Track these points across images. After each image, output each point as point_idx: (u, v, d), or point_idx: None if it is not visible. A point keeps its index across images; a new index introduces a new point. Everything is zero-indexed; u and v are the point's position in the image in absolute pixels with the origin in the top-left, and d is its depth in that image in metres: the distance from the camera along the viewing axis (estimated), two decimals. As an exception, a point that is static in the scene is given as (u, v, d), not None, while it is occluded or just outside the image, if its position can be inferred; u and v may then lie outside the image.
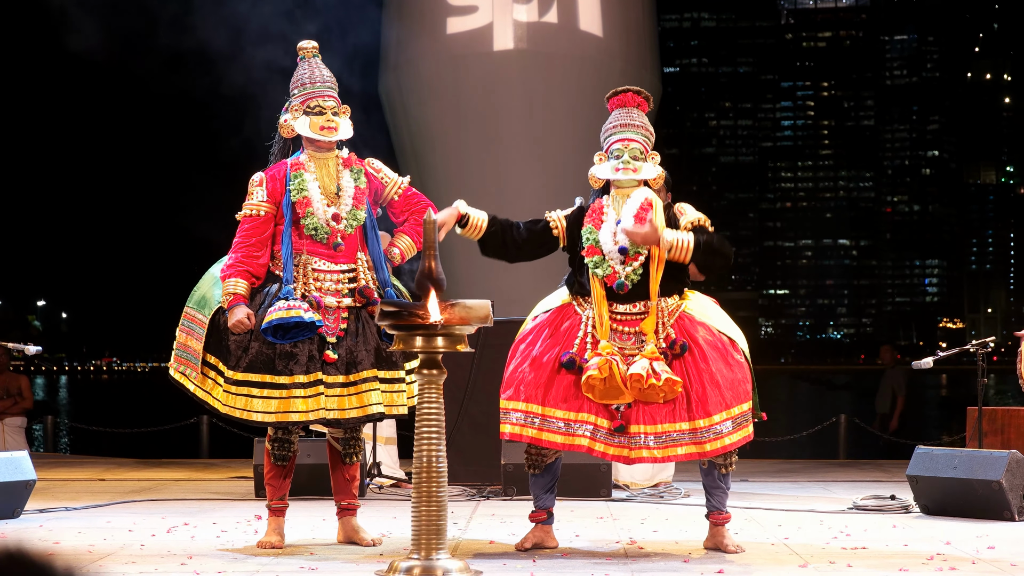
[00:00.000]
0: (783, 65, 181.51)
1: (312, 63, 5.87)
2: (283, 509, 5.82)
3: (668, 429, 5.37)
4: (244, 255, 5.70)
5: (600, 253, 5.57)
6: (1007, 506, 6.62)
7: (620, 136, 5.68)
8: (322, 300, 5.62)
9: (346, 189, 5.75)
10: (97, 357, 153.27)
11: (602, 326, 5.50)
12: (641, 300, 5.54)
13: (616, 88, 5.87)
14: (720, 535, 5.61)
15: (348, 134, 5.81)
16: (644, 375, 5.30)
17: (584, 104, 11.55)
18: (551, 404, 5.46)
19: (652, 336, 5.46)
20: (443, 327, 4.73)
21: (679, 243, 5.45)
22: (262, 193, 5.76)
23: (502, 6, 11.47)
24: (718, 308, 5.71)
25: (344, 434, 5.84)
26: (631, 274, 5.53)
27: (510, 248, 5.78)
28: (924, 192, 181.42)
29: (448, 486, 4.88)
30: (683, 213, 5.65)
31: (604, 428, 5.41)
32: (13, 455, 6.87)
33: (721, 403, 5.38)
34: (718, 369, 5.43)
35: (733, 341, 5.55)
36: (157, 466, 10.35)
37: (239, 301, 5.60)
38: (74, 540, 5.89)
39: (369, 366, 5.61)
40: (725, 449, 5.40)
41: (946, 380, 74.33)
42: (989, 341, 7.52)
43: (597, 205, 5.71)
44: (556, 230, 5.74)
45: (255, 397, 5.57)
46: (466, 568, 4.80)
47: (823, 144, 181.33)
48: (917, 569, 5.10)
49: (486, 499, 7.66)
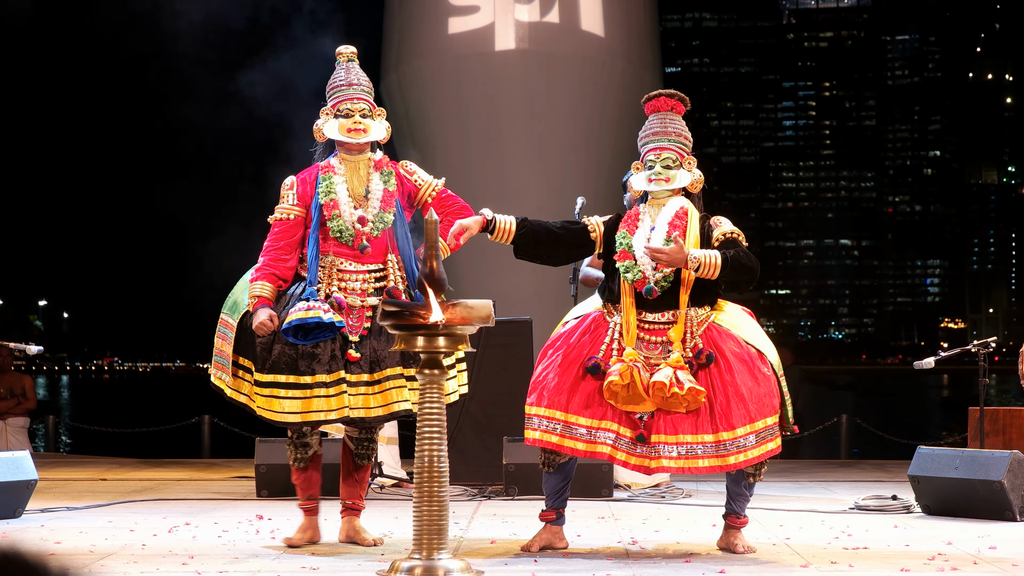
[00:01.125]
0: (785, 65, 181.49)
1: (347, 67, 5.90)
2: (313, 508, 5.83)
3: (691, 441, 5.33)
4: (272, 258, 5.74)
5: (632, 258, 5.53)
6: (1008, 506, 6.62)
7: (653, 145, 5.64)
8: (343, 300, 5.62)
9: (375, 192, 5.75)
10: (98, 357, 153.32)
11: (628, 333, 5.47)
12: (670, 310, 5.50)
13: (650, 93, 5.80)
14: (734, 536, 5.61)
15: (379, 136, 5.81)
16: (667, 383, 5.26)
17: (585, 104, 11.56)
18: (574, 411, 5.43)
19: (679, 344, 5.42)
20: (444, 327, 4.72)
21: (707, 261, 5.37)
22: (292, 197, 5.81)
23: (503, 6, 11.47)
24: (750, 319, 5.65)
25: (359, 435, 5.83)
26: (661, 280, 5.48)
27: (543, 249, 5.72)
28: (925, 192, 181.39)
29: (450, 486, 4.88)
30: (718, 226, 5.58)
31: (627, 437, 5.38)
32: (14, 455, 6.87)
33: (745, 416, 5.34)
34: (743, 382, 5.38)
35: (761, 354, 5.50)
36: (158, 466, 10.35)
37: (263, 304, 5.62)
38: (75, 540, 5.89)
39: (394, 364, 5.59)
40: (748, 463, 5.36)
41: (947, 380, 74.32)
42: (990, 341, 7.52)
43: (633, 211, 5.69)
44: (594, 234, 5.69)
45: (280, 398, 5.59)
46: (467, 568, 4.80)
47: (824, 144, 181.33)
48: (919, 569, 5.10)
49: (487, 499, 7.66)
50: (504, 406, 8.30)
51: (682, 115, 5.76)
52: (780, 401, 5.48)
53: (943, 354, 7.72)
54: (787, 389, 5.57)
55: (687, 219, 5.57)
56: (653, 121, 5.71)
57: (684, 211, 5.59)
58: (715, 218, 5.62)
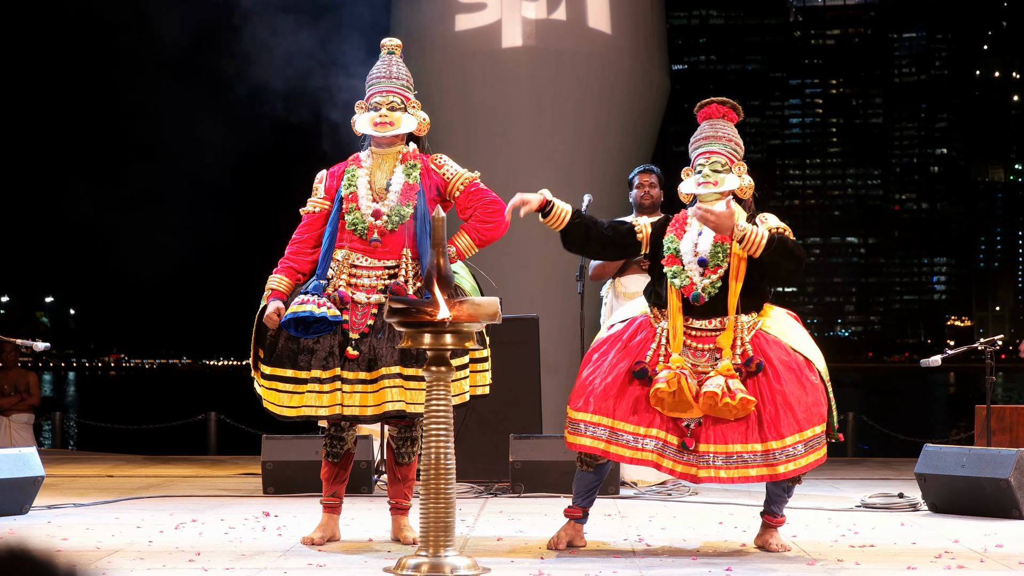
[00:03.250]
0: (791, 63, 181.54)
1: (386, 60, 5.91)
2: (334, 506, 5.80)
3: (740, 450, 5.30)
4: (293, 252, 5.79)
5: (679, 263, 5.50)
6: (1015, 504, 6.61)
7: (703, 149, 5.60)
8: (347, 295, 5.61)
9: (394, 185, 5.73)
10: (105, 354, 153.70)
11: (675, 339, 5.44)
12: (718, 316, 5.46)
13: (702, 101, 5.78)
14: (770, 535, 5.58)
15: (408, 129, 5.79)
16: (719, 392, 5.23)
17: (592, 101, 11.54)
18: (620, 417, 5.39)
19: (729, 352, 5.39)
20: (451, 324, 4.72)
21: (752, 234, 5.33)
22: (321, 190, 5.84)
23: (511, 3, 11.46)
24: (797, 325, 5.62)
25: (400, 433, 5.81)
26: (708, 287, 5.45)
27: (592, 244, 5.72)
28: (932, 190, 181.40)
29: (456, 483, 4.88)
30: (764, 221, 5.55)
31: (673, 444, 5.35)
32: (21, 451, 6.88)
33: (794, 425, 5.31)
34: (792, 391, 5.35)
35: (809, 361, 5.47)
36: (165, 463, 10.36)
37: (275, 296, 5.65)
38: (82, 536, 5.89)
39: (391, 363, 5.55)
40: (797, 472, 5.34)
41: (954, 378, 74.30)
42: (997, 339, 7.51)
43: (681, 216, 5.66)
44: (640, 235, 5.65)
45: (279, 391, 5.59)
46: (474, 565, 4.80)
47: (831, 142, 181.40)
48: (925, 567, 5.10)
49: (494, 496, 7.66)
50: (511, 403, 8.29)
51: (735, 123, 5.72)
52: (828, 408, 5.47)
53: (950, 352, 7.71)
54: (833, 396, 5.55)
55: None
56: (704, 127, 5.67)
57: (732, 211, 5.56)
58: (762, 215, 5.59)
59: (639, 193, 8.58)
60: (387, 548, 5.58)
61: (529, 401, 8.44)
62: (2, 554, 1.72)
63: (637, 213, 8.62)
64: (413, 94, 5.91)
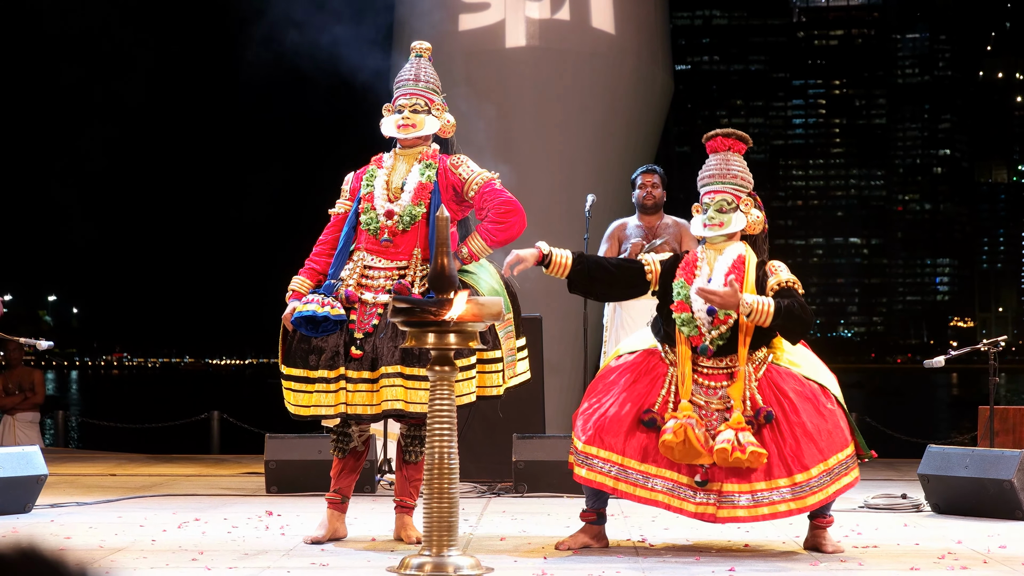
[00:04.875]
0: (795, 63, 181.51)
1: (413, 63, 5.92)
2: (337, 503, 5.80)
3: (765, 487, 5.28)
4: (316, 253, 5.84)
5: (689, 310, 5.45)
6: (1019, 505, 6.61)
7: (708, 188, 5.57)
8: (355, 295, 5.62)
9: (408, 185, 5.75)
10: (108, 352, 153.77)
11: (684, 386, 5.40)
12: (728, 355, 5.44)
13: (709, 132, 5.72)
14: (820, 536, 5.53)
15: (431, 130, 5.82)
16: (729, 448, 5.20)
17: (596, 101, 11.54)
18: (630, 455, 5.36)
19: (739, 404, 5.36)
20: (455, 324, 4.72)
21: (759, 307, 5.29)
22: (347, 192, 5.90)
23: (514, 3, 11.47)
24: (806, 351, 5.59)
25: (408, 431, 5.81)
26: (716, 338, 5.42)
27: (597, 286, 5.67)
28: (935, 191, 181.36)
29: (459, 483, 4.88)
30: (774, 272, 5.51)
31: (684, 484, 5.32)
32: (24, 450, 6.88)
33: (817, 455, 5.30)
34: (810, 419, 5.33)
35: (824, 388, 5.46)
36: (168, 461, 10.36)
37: (294, 297, 5.70)
38: (85, 535, 5.89)
39: (392, 362, 5.55)
40: (827, 500, 5.33)
41: (957, 379, 74.26)
42: (1000, 340, 7.51)
43: (691, 256, 5.61)
44: (650, 274, 5.61)
45: (293, 391, 5.62)
46: (477, 565, 4.79)
47: (834, 142, 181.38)
48: (928, 568, 5.10)
49: (497, 496, 7.66)
50: (514, 403, 8.28)
51: (743, 153, 5.69)
52: (850, 431, 5.46)
53: (953, 353, 7.71)
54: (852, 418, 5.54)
55: (744, 267, 5.50)
56: (710, 162, 5.64)
57: (742, 259, 5.52)
58: (771, 264, 5.55)
59: (641, 193, 8.58)
60: (390, 547, 5.58)
61: (532, 401, 8.44)
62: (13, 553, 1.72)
63: (639, 213, 8.62)
64: (441, 97, 5.91)
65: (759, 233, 5.64)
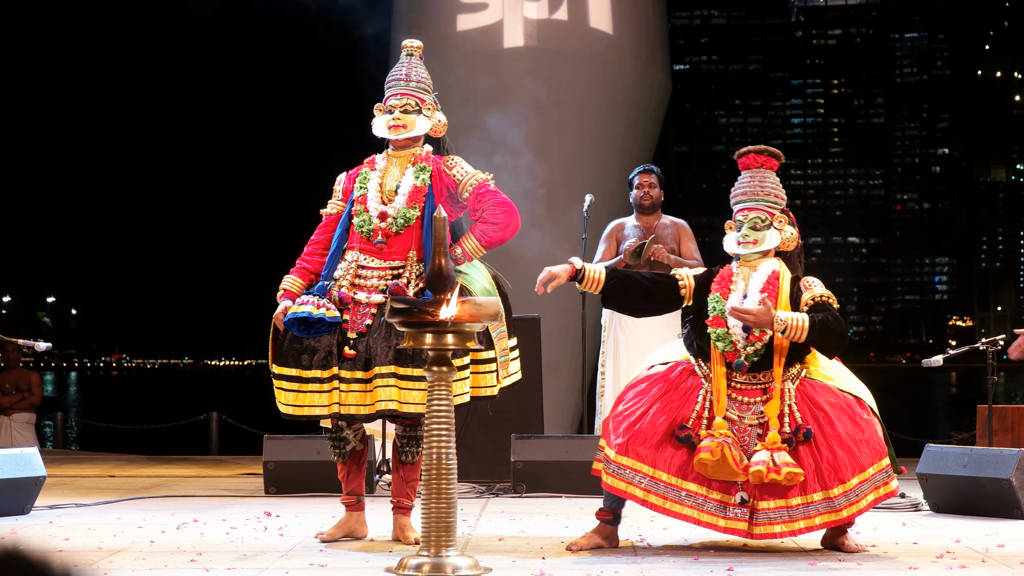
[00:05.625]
0: (793, 62, 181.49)
1: (403, 62, 5.92)
2: (353, 504, 5.82)
3: (800, 502, 5.28)
4: (308, 253, 5.85)
5: (724, 325, 5.45)
6: (1017, 504, 6.61)
7: (741, 206, 5.58)
8: (348, 296, 5.62)
9: (403, 187, 5.75)
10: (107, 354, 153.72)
11: (719, 403, 5.40)
12: (763, 371, 5.44)
13: (741, 149, 5.71)
14: (842, 536, 5.51)
15: (422, 130, 5.82)
16: (764, 471, 5.20)
17: (594, 101, 11.54)
18: (661, 467, 5.36)
19: (775, 421, 5.35)
20: (453, 324, 4.72)
21: (794, 323, 5.28)
22: (339, 192, 5.90)
23: (512, 3, 11.47)
24: (840, 365, 5.60)
25: (403, 432, 5.80)
26: (751, 355, 5.42)
27: (632, 300, 5.68)
28: (934, 190, 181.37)
29: (458, 483, 4.88)
30: (808, 288, 5.50)
31: (715, 500, 5.32)
32: (23, 451, 6.88)
33: (855, 467, 5.30)
34: (846, 432, 5.33)
35: (859, 399, 5.46)
36: (167, 463, 10.36)
37: (286, 296, 5.70)
38: (84, 537, 5.89)
39: (386, 363, 5.55)
40: (863, 511, 5.34)
41: (955, 378, 74.25)
42: (999, 339, 7.51)
43: (727, 272, 5.61)
44: (684, 289, 5.61)
45: (285, 390, 5.62)
46: (475, 565, 4.80)
47: (833, 142, 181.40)
48: (927, 567, 5.10)
49: (495, 496, 7.66)
50: (513, 403, 8.28)
51: (775, 170, 5.69)
52: (885, 442, 5.45)
53: (951, 352, 7.71)
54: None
55: (778, 283, 5.50)
56: (743, 179, 5.64)
57: (776, 275, 5.52)
58: (805, 280, 5.55)
59: (639, 193, 8.58)
60: (389, 548, 5.58)
61: (530, 401, 8.44)
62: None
63: (637, 213, 8.62)
64: (432, 96, 5.90)
65: (793, 250, 5.64)
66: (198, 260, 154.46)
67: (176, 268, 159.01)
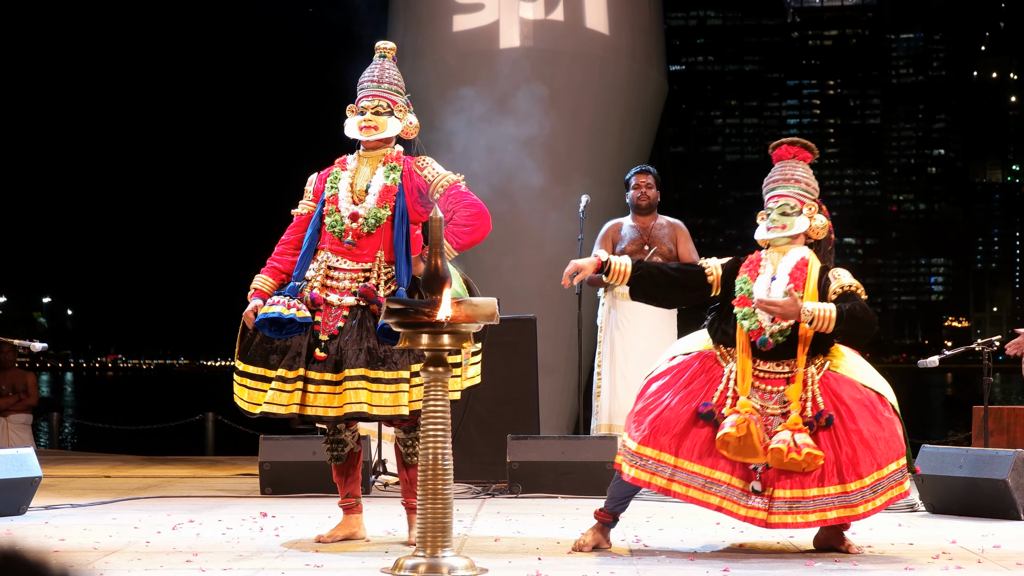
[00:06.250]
0: (789, 63, 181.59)
1: (376, 63, 5.92)
2: (350, 506, 5.83)
3: (816, 494, 5.27)
4: (279, 252, 5.84)
5: (750, 304, 5.45)
6: (1013, 505, 6.61)
7: (773, 193, 5.59)
8: (320, 297, 5.62)
9: (373, 187, 5.75)
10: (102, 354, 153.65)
11: (743, 382, 5.40)
12: (787, 359, 5.44)
13: (775, 142, 5.74)
14: (838, 537, 5.51)
15: (392, 132, 5.81)
16: (784, 449, 5.20)
17: (590, 101, 11.55)
18: (684, 456, 5.35)
19: (797, 404, 5.35)
20: (449, 325, 4.72)
21: (821, 313, 5.29)
22: (310, 193, 5.89)
23: (508, 4, 11.47)
24: (863, 361, 5.59)
25: (404, 435, 5.80)
26: (777, 334, 5.42)
27: (661, 291, 5.67)
28: (930, 191, 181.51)
29: (454, 484, 4.87)
30: (836, 278, 5.50)
31: (738, 488, 5.32)
32: (19, 451, 6.87)
33: (873, 464, 5.29)
34: (867, 427, 5.32)
35: (881, 396, 5.44)
36: (162, 463, 10.36)
37: (256, 296, 5.69)
38: (79, 537, 5.89)
39: (357, 365, 5.54)
40: (878, 510, 5.33)
41: (951, 379, 74.29)
42: (995, 340, 7.52)
43: (755, 257, 5.62)
44: (711, 277, 5.61)
45: (246, 387, 5.64)
46: (471, 566, 4.79)
47: (829, 142, 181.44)
48: (923, 567, 5.10)
49: (491, 497, 7.66)
50: (509, 404, 8.29)
51: (808, 162, 5.69)
52: (904, 441, 5.45)
53: (947, 353, 7.71)
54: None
55: (807, 270, 5.50)
56: (776, 169, 5.66)
57: (805, 262, 5.51)
58: (834, 270, 5.55)
59: (635, 194, 8.58)
60: (384, 548, 5.58)
61: (527, 402, 8.45)
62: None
63: (633, 214, 8.62)
64: (404, 98, 5.90)
65: (823, 240, 5.65)
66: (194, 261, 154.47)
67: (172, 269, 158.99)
